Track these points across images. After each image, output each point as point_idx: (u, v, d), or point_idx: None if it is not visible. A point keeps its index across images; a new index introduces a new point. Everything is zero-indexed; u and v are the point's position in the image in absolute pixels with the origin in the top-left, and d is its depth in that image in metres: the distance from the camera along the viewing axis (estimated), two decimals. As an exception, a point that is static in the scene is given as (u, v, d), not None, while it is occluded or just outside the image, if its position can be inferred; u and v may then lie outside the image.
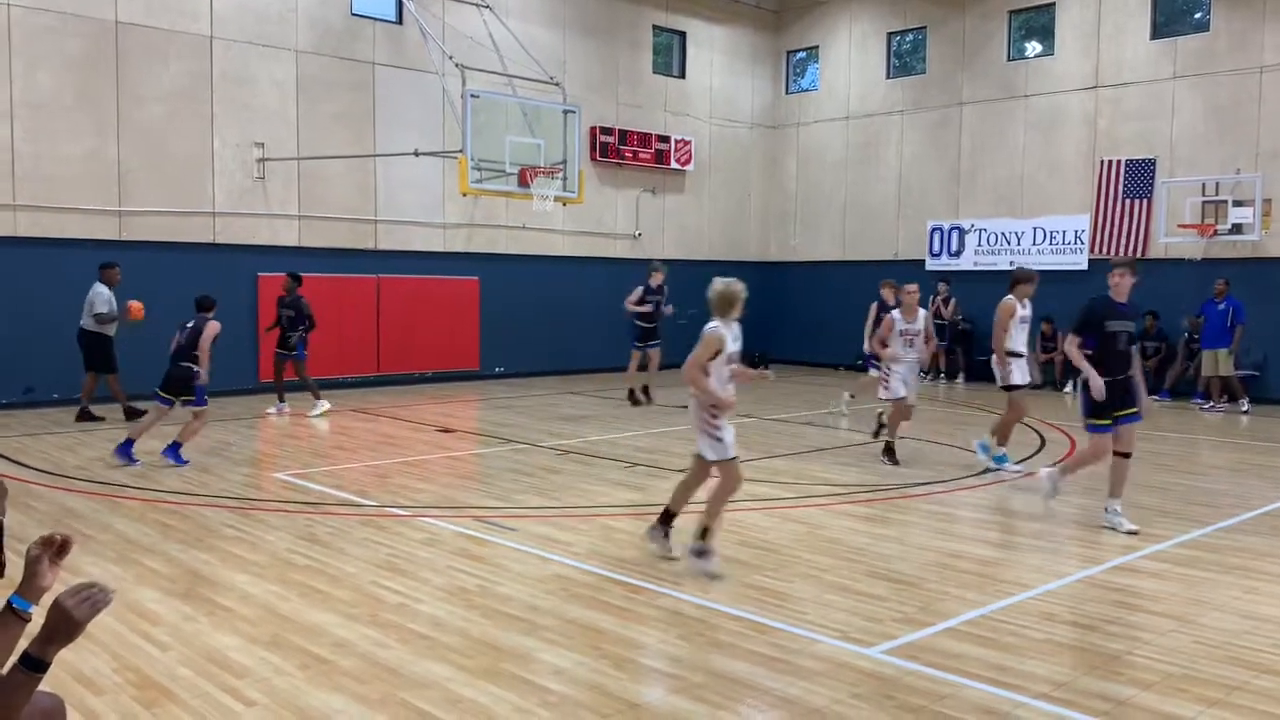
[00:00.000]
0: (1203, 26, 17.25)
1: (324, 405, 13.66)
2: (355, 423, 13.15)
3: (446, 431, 12.49)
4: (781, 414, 14.38)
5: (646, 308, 15.06)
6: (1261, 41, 16.39)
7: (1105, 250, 17.92)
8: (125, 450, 9.82)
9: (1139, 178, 17.53)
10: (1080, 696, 4.49)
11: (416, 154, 15.69)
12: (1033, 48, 19.57)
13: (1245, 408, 15.44)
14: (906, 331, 10.56)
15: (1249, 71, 16.49)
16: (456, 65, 14.09)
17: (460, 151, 13.49)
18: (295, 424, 13.00)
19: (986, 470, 10.08)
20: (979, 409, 15.36)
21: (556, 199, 14.48)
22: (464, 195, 14.74)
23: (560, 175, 14.45)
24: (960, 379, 19.21)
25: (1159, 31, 17.68)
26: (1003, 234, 19.52)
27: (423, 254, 17.79)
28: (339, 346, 16.49)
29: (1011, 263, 19.28)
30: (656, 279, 15.20)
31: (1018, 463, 10.31)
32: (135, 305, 12.00)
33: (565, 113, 14.72)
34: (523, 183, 14.03)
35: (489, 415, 14.33)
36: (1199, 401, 15.95)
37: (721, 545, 7.00)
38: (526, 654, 4.97)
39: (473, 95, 13.55)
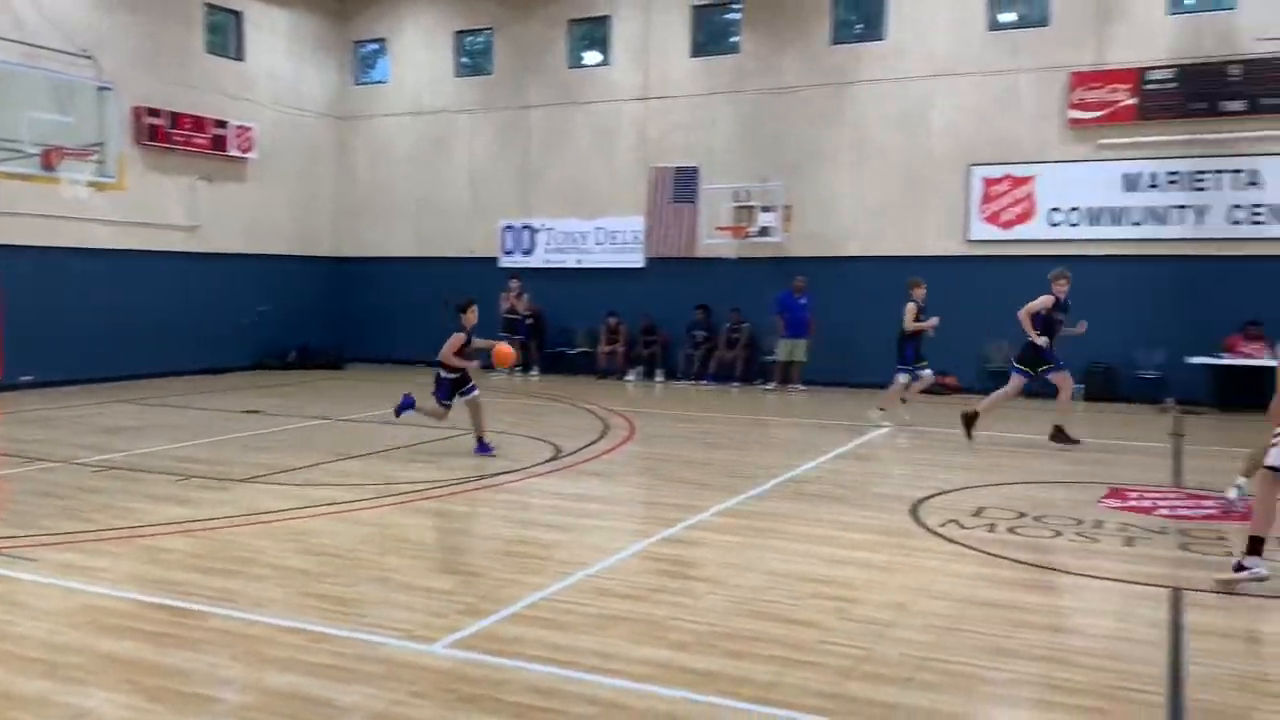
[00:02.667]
0: (734, 49, 19.26)
1: None
2: None
3: (-46, 453, 10.71)
4: (355, 414, 14.01)
5: None
6: (782, 65, 18.62)
7: (659, 250, 19.44)
8: None
9: (685, 183, 19.21)
10: (626, 664, 4.80)
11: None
12: (592, 57, 20.71)
13: (801, 388, 17.46)
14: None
15: (773, 91, 18.66)
16: (-45, 26, 12.12)
17: (-38, 127, 11.64)
18: None
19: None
20: (552, 399, 16.00)
21: (91, 184, 12.97)
22: (-30, 178, 12.74)
23: (95, 158, 12.96)
24: (535, 371, 19.89)
25: (699, 50, 19.47)
26: (569, 233, 20.49)
27: (-80, 246, 15.14)
28: None
29: (579, 260, 20.38)
30: None
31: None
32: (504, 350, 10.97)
33: (100, 90, 13.22)
34: (47, 165, 12.41)
35: (13, 431, 12.51)
36: (761, 383, 17.87)
37: (280, 556, 6.67)
38: (44, 698, 4.37)
39: (-23, 63, 11.75)
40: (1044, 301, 11.70)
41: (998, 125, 17.10)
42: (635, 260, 19.79)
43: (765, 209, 18.17)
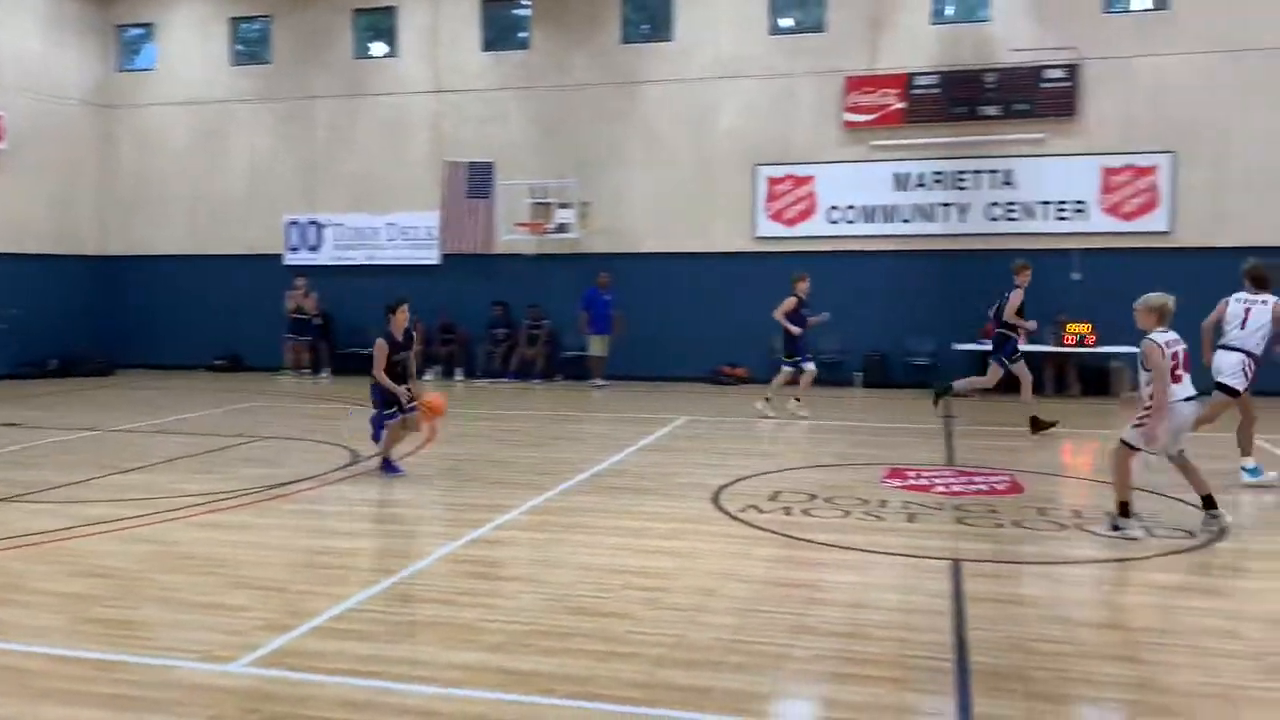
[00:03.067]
0: (525, 44, 19.20)
1: None
2: None
3: None
4: (128, 424, 13.06)
5: None
6: (573, 63, 18.72)
7: (455, 246, 19.14)
8: None
9: (480, 179, 19.00)
10: (437, 670, 4.71)
11: None
12: (379, 48, 20.12)
13: (601, 384, 17.49)
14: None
15: (565, 89, 18.73)
16: None
17: None
18: None
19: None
20: (347, 402, 15.47)
21: None
22: None
23: None
24: (326, 372, 19.17)
25: (490, 45, 19.29)
26: (360, 229, 19.86)
27: None
28: None
29: (370, 257, 19.79)
30: None
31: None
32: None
33: None
34: None
35: None
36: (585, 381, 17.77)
37: (52, 580, 6.15)
38: None
39: None
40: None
41: (780, 126, 17.83)
42: (430, 257, 19.41)
43: (563, 205, 18.24)
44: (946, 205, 17.16)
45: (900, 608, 5.67)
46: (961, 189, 17.07)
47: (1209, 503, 7.35)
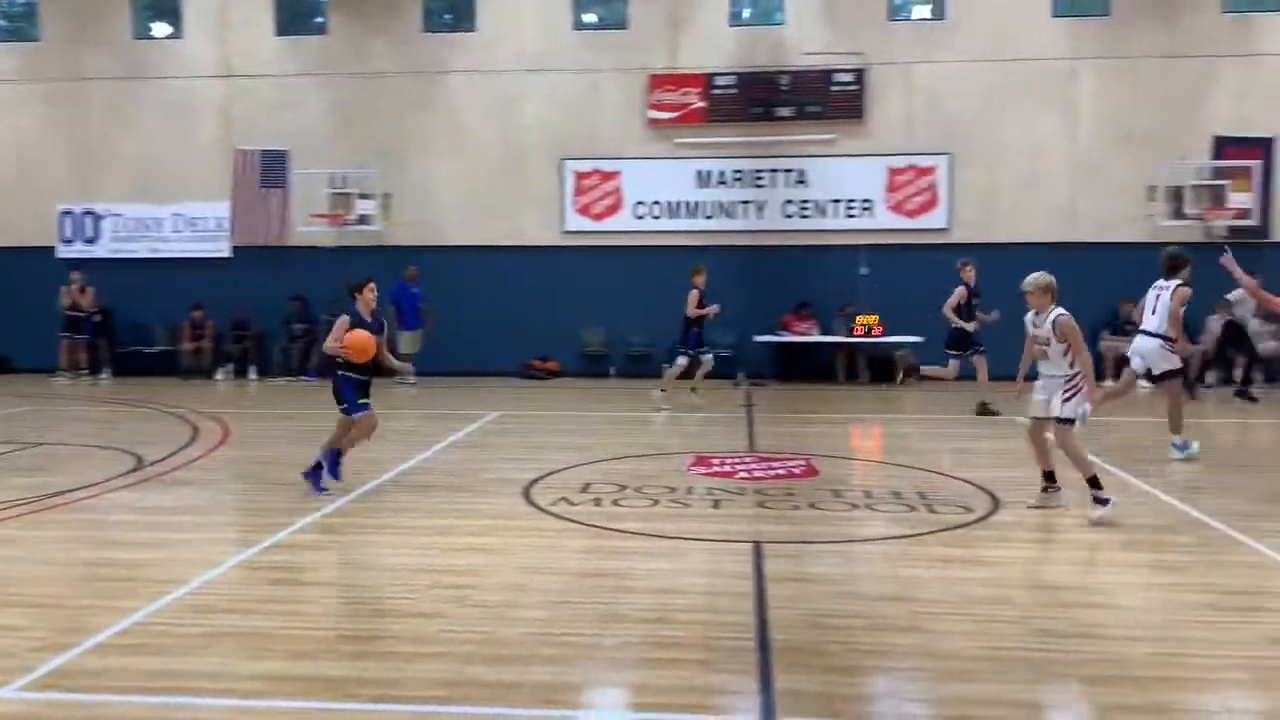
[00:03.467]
0: (322, 29, 18.53)
1: None
2: None
3: None
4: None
5: None
6: (373, 50, 18.20)
7: (247, 238, 18.28)
8: None
9: (273, 168, 18.21)
10: (236, 682, 4.51)
11: None
12: (161, 28, 18.93)
13: (412, 380, 16.97)
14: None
15: (365, 76, 18.19)
16: None
17: None
18: None
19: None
20: (130, 404, 14.51)
21: None
22: None
23: None
24: (106, 373, 17.91)
25: (284, 28, 18.49)
26: (141, 220, 18.66)
27: None
28: None
29: (153, 250, 18.62)
30: None
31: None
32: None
33: None
34: None
35: None
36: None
37: None
38: None
39: None
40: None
41: (586, 121, 17.95)
42: (220, 249, 18.46)
43: (363, 196, 17.71)
44: (746, 203, 17.76)
45: (706, 591, 5.85)
46: (760, 187, 17.70)
47: (1049, 478, 7.85)
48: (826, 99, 17.33)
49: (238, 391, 16.65)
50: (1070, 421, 7.52)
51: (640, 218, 17.94)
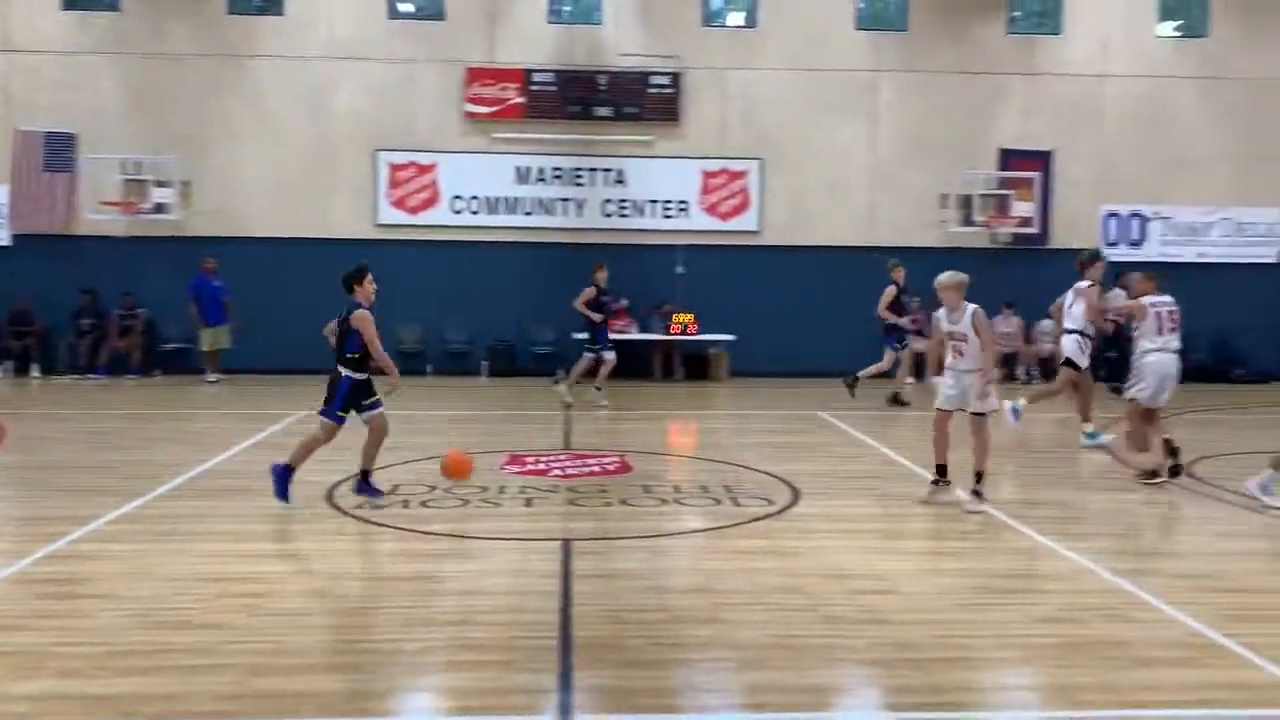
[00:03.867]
0: (114, 6, 17.30)
1: None
2: None
3: None
4: None
5: None
6: (171, 30, 17.18)
7: (27, 225, 16.96)
8: None
9: (59, 151, 16.95)
10: (2, 704, 4.18)
11: None
12: (-73, -6, 17.30)
13: (213, 379, 16.13)
14: None
15: (162, 57, 17.17)
16: None
17: None
18: None
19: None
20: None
21: None
22: None
23: None
24: None
25: (72, 3, 17.22)
26: (-95, 203, 17.01)
27: None
28: None
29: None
30: None
31: None
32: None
33: None
34: None
35: None
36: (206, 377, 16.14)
37: None
38: None
39: None
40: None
41: (401, 112, 17.55)
42: (-2, 238, 17.07)
43: (160, 183, 16.71)
44: (565, 200, 17.79)
45: (512, 591, 5.83)
46: (579, 185, 17.78)
47: (941, 471, 8.15)
48: (644, 101, 17.57)
49: (17, 391, 15.43)
50: (985, 415, 7.91)
51: (458, 212, 17.69)
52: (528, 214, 17.75)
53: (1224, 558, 6.87)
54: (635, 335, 17.25)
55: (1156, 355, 8.98)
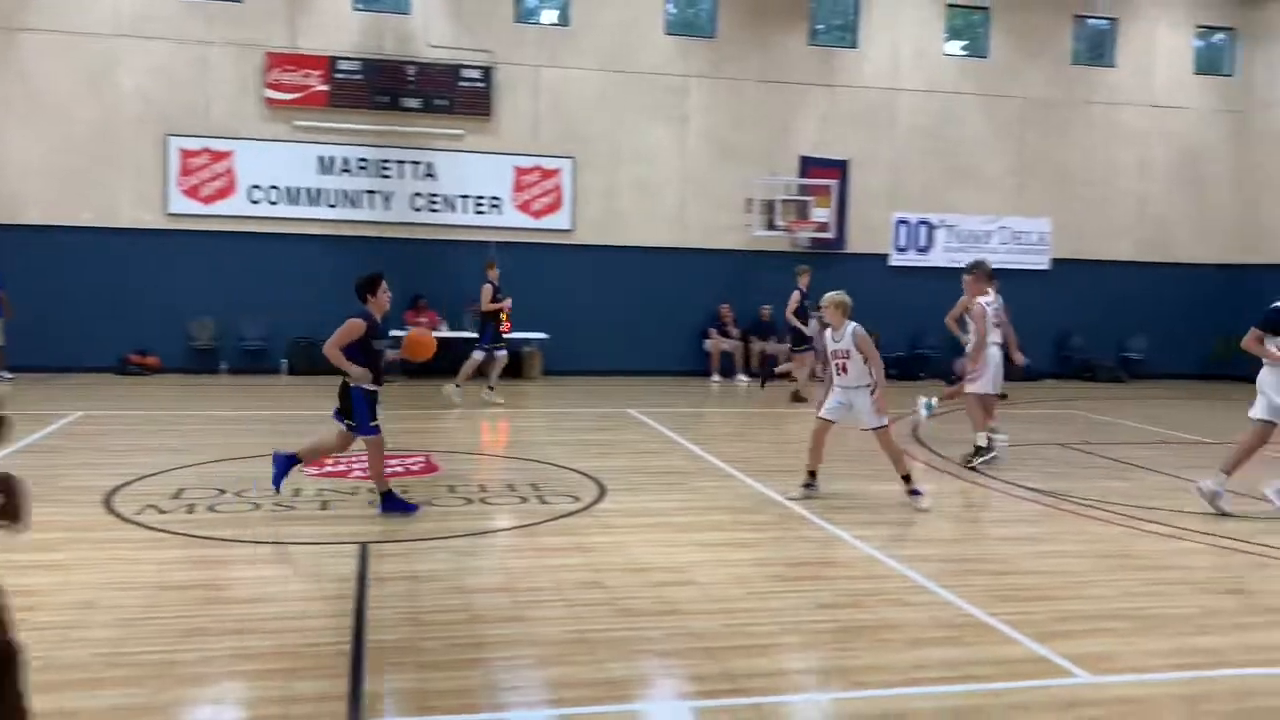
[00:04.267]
0: None
1: None
2: None
3: None
4: None
5: None
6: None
7: None
8: None
9: None
10: None
11: None
12: None
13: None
14: None
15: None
16: None
17: None
18: None
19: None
20: None
21: None
22: None
23: None
24: None
25: None
26: None
27: None
28: None
29: None
30: None
31: None
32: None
33: None
34: None
35: None
36: None
37: None
38: None
39: None
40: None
41: (195, 96, 16.64)
42: None
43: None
44: (372, 193, 17.31)
45: (303, 597, 5.63)
46: (386, 177, 17.34)
47: (812, 476, 8.40)
48: (454, 94, 17.31)
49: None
50: (884, 427, 8.15)
51: (256, 202, 16.92)
52: (331, 206, 17.17)
53: (993, 542, 7.40)
54: (447, 333, 16.97)
55: (992, 349, 9.95)
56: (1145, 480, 9.68)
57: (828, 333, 8.35)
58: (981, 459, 9.81)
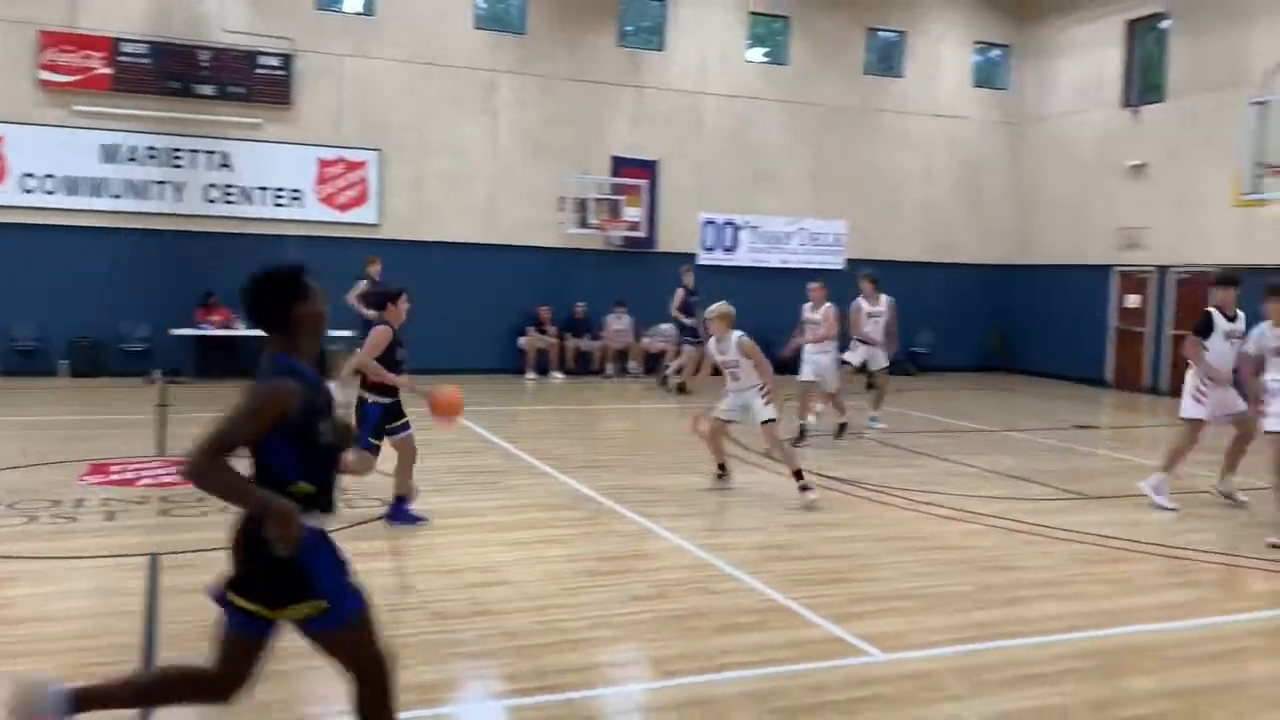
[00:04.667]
0: None
1: None
2: None
3: None
4: None
5: None
6: None
7: None
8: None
9: None
10: None
11: None
12: None
13: None
14: None
15: None
16: None
17: None
18: None
19: None
20: None
21: None
22: None
23: None
24: None
25: None
26: None
27: None
28: None
29: None
30: None
31: None
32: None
33: None
34: None
35: None
36: None
37: None
38: None
39: None
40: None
41: (-45, 74, 15.23)
42: None
43: None
44: (162, 183, 16.31)
45: (87, 614, 5.28)
46: (178, 167, 16.37)
47: (723, 469, 8.89)
48: (251, 81, 16.53)
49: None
50: (774, 420, 8.50)
51: (29, 191, 15.63)
52: (116, 196, 16.06)
53: (795, 529, 7.74)
54: (242, 331, 16.18)
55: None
56: (930, 466, 10.34)
57: (713, 343, 8.77)
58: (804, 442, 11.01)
